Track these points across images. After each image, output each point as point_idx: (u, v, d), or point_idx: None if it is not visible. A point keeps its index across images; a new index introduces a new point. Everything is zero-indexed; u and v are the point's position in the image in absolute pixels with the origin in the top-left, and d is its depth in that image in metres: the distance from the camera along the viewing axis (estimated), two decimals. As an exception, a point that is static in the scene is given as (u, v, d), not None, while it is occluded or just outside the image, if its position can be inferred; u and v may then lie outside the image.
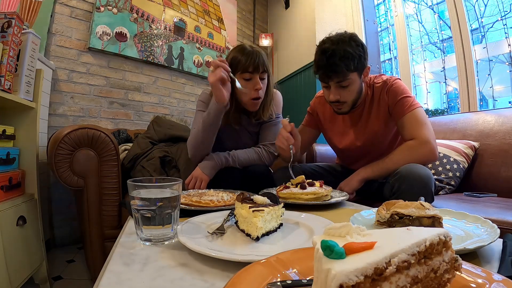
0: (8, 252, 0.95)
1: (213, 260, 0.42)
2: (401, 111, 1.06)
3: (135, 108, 2.18)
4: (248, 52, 1.10)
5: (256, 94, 1.12)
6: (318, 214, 0.68)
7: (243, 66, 1.09)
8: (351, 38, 1.02)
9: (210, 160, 1.13)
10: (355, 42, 1.01)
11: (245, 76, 1.11)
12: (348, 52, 0.99)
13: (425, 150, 1.00)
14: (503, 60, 1.92)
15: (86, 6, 1.93)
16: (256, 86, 1.11)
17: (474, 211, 0.64)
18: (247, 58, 1.09)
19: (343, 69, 0.99)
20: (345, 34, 1.03)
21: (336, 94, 1.06)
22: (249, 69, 1.09)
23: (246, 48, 1.13)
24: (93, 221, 1.12)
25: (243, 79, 1.11)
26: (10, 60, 1.01)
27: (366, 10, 2.65)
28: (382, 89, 1.12)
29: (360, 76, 1.06)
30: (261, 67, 1.10)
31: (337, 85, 1.04)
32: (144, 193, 0.52)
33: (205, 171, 1.11)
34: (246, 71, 1.10)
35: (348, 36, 1.02)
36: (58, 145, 1.03)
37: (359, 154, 1.25)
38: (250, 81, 1.11)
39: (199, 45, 2.62)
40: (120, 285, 0.37)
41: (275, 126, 1.28)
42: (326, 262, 0.23)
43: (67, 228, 1.77)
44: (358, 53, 1.01)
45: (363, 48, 1.03)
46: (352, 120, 1.21)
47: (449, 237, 0.28)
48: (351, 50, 0.99)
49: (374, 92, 1.15)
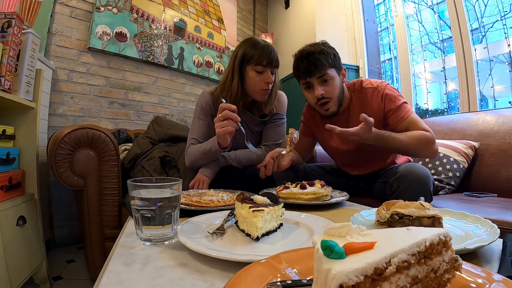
0: (8, 252, 0.95)
1: (213, 260, 0.42)
2: (401, 116, 1.05)
3: (135, 108, 2.18)
4: (263, 46, 1.13)
5: (266, 86, 1.14)
6: (318, 214, 0.68)
7: (258, 59, 1.11)
8: (324, 43, 1.12)
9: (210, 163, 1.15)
10: (328, 45, 1.11)
11: (257, 69, 1.12)
12: (324, 49, 1.07)
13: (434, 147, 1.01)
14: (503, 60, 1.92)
15: (86, 6, 1.93)
16: (267, 79, 1.13)
17: (474, 211, 0.64)
18: (262, 51, 1.11)
19: (323, 63, 1.05)
20: (318, 42, 1.13)
21: (319, 89, 1.08)
22: (263, 63, 1.11)
23: (260, 42, 1.15)
24: (93, 221, 1.12)
25: (255, 71, 1.13)
26: (10, 60, 1.01)
27: (366, 10, 2.65)
28: (373, 94, 1.10)
29: (339, 75, 1.12)
30: (274, 62, 1.13)
31: (319, 80, 1.08)
32: (144, 193, 0.52)
33: (206, 172, 1.14)
34: (259, 64, 1.11)
35: (320, 42, 1.13)
36: (58, 145, 1.03)
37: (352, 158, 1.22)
38: (262, 74, 1.13)
39: (199, 45, 2.62)
40: (120, 285, 0.37)
41: (278, 127, 1.28)
42: (326, 262, 0.23)
43: (67, 228, 1.77)
44: (333, 52, 1.09)
45: (336, 51, 1.12)
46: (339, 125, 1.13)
47: (449, 237, 0.28)
48: (326, 49, 1.08)
49: (363, 96, 1.13)
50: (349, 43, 2.67)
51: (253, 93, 1.16)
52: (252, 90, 1.15)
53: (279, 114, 1.28)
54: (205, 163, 1.15)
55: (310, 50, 1.08)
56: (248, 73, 1.14)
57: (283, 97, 1.33)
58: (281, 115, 1.30)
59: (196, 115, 1.23)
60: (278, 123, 1.28)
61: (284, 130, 1.31)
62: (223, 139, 1.04)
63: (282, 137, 1.29)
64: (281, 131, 1.29)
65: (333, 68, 1.08)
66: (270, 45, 1.15)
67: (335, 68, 1.09)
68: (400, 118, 1.04)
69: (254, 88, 1.14)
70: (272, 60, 1.12)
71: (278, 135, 1.28)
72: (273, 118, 1.27)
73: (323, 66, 1.05)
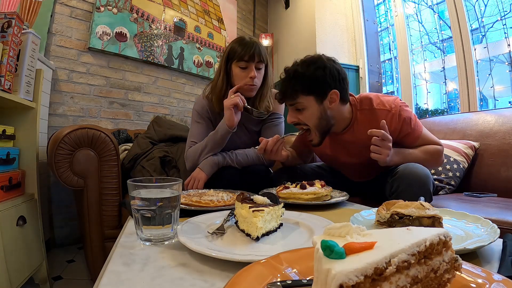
0: (8, 252, 0.95)
1: (213, 260, 0.42)
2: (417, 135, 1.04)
3: (135, 108, 2.18)
4: (246, 43, 1.14)
5: (251, 81, 1.14)
6: (318, 214, 0.68)
7: (239, 55, 1.12)
8: (316, 60, 0.98)
9: (210, 159, 1.14)
10: (315, 64, 0.96)
11: (240, 65, 1.13)
12: (299, 73, 0.96)
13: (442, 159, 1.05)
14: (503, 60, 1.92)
15: (86, 6, 1.93)
16: (250, 74, 1.13)
17: (474, 211, 0.64)
18: (244, 47, 1.12)
19: (290, 91, 0.98)
20: (314, 56, 1.00)
21: (292, 116, 1.03)
22: (245, 58, 1.12)
23: (245, 38, 1.17)
24: (93, 221, 1.12)
25: (239, 67, 1.14)
26: (10, 60, 1.01)
27: (366, 10, 2.65)
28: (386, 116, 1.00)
29: (321, 101, 0.98)
30: (256, 57, 1.13)
31: (292, 108, 1.03)
32: (144, 193, 0.52)
33: (204, 168, 1.12)
34: (241, 60, 1.12)
35: (315, 57, 0.99)
36: (58, 145, 1.03)
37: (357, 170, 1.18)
38: (246, 69, 1.14)
39: (199, 45, 2.62)
40: (120, 285, 0.37)
41: (276, 127, 1.28)
42: (326, 262, 0.23)
43: (67, 228, 1.77)
44: (315, 76, 0.95)
45: (326, 71, 0.95)
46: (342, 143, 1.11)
47: (449, 237, 0.28)
48: (305, 71, 0.95)
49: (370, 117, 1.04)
50: (349, 43, 2.68)
51: (240, 89, 1.16)
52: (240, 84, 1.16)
53: (276, 114, 1.28)
54: (211, 153, 1.14)
55: (288, 71, 1.01)
56: (233, 70, 1.16)
57: None
58: (279, 115, 1.30)
59: (194, 119, 1.25)
60: (275, 123, 1.28)
61: (282, 129, 1.31)
62: (230, 114, 1.08)
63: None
64: (279, 131, 1.29)
65: (310, 95, 0.97)
66: (256, 42, 1.16)
67: (314, 95, 0.97)
68: (416, 138, 1.04)
69: (239, 82, 1.15)
70: (253, 55, 1.12)
71: (276, 134, 1.27)
72: (270, 118, 1.27)
73: (291, 95, 0.99)
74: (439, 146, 1.04)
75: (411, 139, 1.04)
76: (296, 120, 1.03)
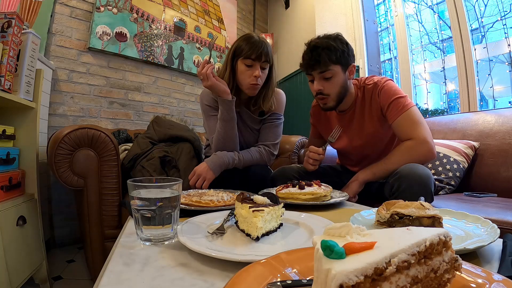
0: (8, 252, 0.95)
1: (213, 260, 0.42)
2: (395, 112, 1.06)
3: (135, 108, 2.18)
4: (254, 41, 1.14)
5: (254, 80, 1.14)
6: (318, 214, 0.68)
7: (247, 52, 1.12)
8: (337, 36, 1.10)
9: (220, 158, 1.12)
10: (339, 39, 1.09)
11: (246, 62, 1.13)
12: (331, 44, 1.06)
13: (423, 149, 1.01)
14: (503, 60, 1.92)
15: (86, 6, 1.93)
16: (254, 73, 1.13)
17: (474, 211, 0.64)
18: (252, 46, 1.12)
19: (325, 59, 1.04)
20: (332, 34, 1.11)
21: (319, 85, 1.09)
22: (252, 56, 1.12)
23: (253, 37, 1.17)
24: (93, 221, 1.12)
25: (245, 65, 1.14)
26: (10, 60, 1.01)
27: (366, 10, 2.64)
28: (373, 90, 1.13)
29: (345, 71, 1.10)
30: (263, 57, 1.13)
31: (320, 76, 1.08)
32: (144, 193, 0.52)
33: (212, 167, 1.09)
34: (248, 58, 1.12)
35: (334, 34, 1.11)
36: (58, 145, 1.03)
37: (357, 156, 1.25)
38: (251, 68, 1.14)
39: (199, 45, 2.62)
40: (120, 285, 0.37)
41: (275, 127, 1.28)
42: (326, 262, 0.23)
43: (67, 228, 1.77)
44: (341, 48, 1.07)
45: (348, 46, 1.10)
46: (345, 122, 1.21)
47: (449, 237, 0.28)
48: (334, 44, 1.06)
49: (365, 93, 1.16)
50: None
51: (243, 87, 1.17)
52: (242, 83, 1.17)
53: (276, 114, 1.28)
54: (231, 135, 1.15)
55: (316, 43, 1.07)
56: (238, 66, 1.16)
57: (282, 96, 1.33)
58: (279, 115, 1.30)
59: (207, 114, 1.23)
60: (275, 123, 1.28)
61: (281, 129, 1.31)
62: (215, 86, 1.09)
63: (278, 137, 1.29)
64: (278, 131, 1.29)
65: (337, 64, 1.07)
66: (264, 41, 1.16)
67: (340, 65, 1.08)
68: (394, 114, 1.05)
69: (243, 81, 1.16)
70: (261, 54, 1.12)
71: (275, 135, 1.28)
72: (270, 117, 1.27)
73: (325, 63, 1.05)
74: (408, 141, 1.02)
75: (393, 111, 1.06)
76: (322, 89, 1.10)
